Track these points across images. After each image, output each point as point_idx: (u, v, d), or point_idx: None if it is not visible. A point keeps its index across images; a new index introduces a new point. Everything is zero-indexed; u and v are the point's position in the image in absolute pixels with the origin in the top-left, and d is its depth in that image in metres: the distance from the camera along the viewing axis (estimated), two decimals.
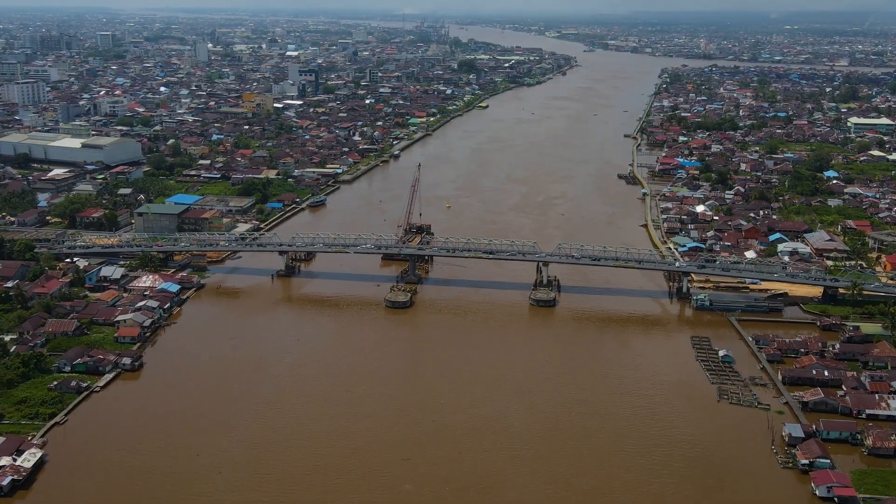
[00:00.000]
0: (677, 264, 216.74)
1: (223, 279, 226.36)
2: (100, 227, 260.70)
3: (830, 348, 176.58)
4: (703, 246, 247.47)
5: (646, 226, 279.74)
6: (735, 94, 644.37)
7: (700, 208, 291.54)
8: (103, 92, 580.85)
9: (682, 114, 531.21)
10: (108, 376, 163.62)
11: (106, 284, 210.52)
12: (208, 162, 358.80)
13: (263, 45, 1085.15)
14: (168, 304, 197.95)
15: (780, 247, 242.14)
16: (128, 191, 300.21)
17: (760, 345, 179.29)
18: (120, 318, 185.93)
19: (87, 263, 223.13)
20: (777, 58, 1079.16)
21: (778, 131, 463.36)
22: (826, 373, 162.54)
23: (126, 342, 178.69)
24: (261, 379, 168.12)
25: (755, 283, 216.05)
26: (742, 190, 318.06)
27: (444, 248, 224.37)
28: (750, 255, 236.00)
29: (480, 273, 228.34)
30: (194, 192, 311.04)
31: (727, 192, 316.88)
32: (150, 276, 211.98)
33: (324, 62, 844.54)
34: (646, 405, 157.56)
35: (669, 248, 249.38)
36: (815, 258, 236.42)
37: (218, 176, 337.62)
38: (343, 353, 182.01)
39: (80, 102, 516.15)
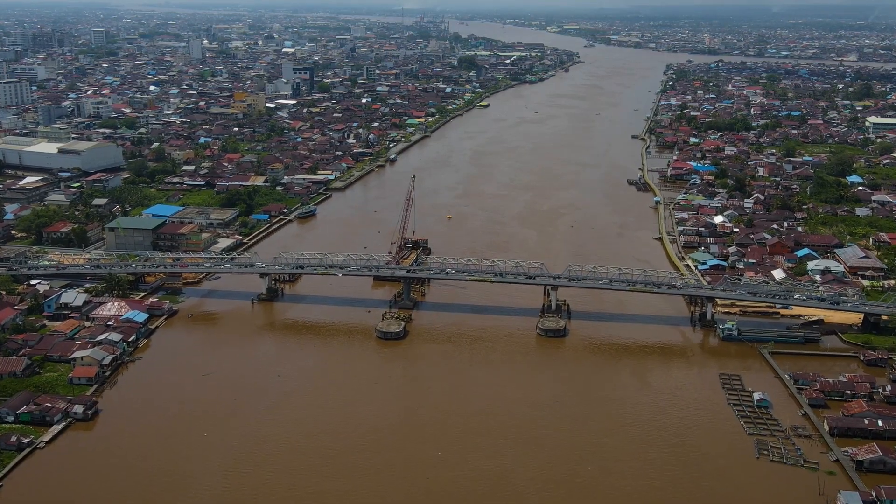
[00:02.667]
0: (702, 290, 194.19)
1: (198, 304, 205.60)
2: (68, 243, 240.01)
3: (880, 390, 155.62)
4: (725, 264, 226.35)
5: (661, 239, 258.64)
6: (744, 92, 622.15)
7: (718, 219, 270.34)
8: (91, 91, 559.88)
9: (692, 113, 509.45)
10: (57, 427, 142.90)
11: (66, 312, 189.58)
12: (193, 168, 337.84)
13: (259, 42, 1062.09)
14: (133, 337, 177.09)
15: (811, 265, 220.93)
16: (103, 201, 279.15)
17: (800, 385, 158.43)
18: (76, 354, 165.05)
19: (48, 287, 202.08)
20: (784, 53, 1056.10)
21: (793, 132, 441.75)
22: (880, 422, 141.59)
23: (81, 384, 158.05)
24: (234, 426, 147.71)
25: (786, 307, 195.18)
26: (762, 198, 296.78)
27: (441, 269, 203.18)
28: (778, 274, 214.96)
29: (482, 296, 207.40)
30: (175, 202, 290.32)
31: (746, 200, 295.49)
32: (116, 303, 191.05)
33: (321, 59, 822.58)
34: (673, 460, 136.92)
35: (688, 266, 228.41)
36: (850, 277, 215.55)
37: (202, 183, 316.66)
38: (327, 393, 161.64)
39: (65, 103, 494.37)
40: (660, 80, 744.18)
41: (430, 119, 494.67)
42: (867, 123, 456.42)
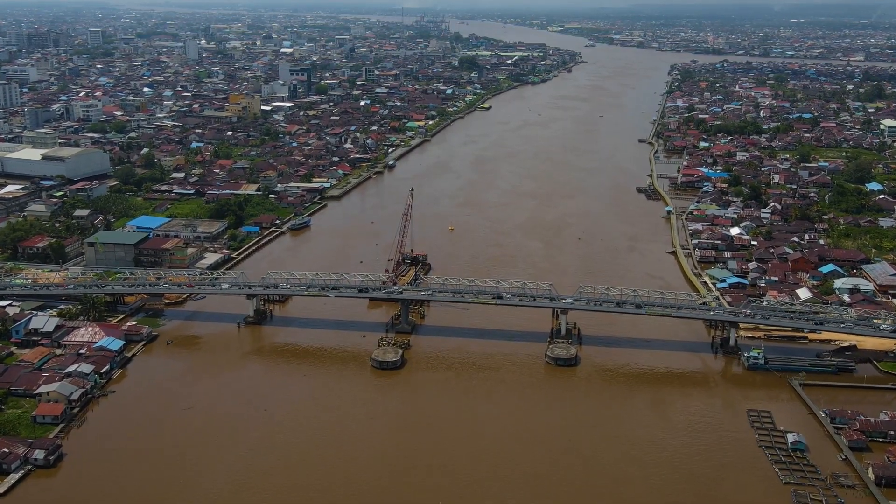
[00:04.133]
0: (729, 315, 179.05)
1: (181, 327, 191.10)
2: (45, 258, 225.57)
3: None
4: (745, 281, 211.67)
5: (674, 253, 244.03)
6: (752, 93, 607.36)
7: (735, 231, 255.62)
8: (83, 93, 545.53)
9: (700, 115, 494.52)
10: (15, 477, 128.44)
11: (36, 339, 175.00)
12: (182, 175, 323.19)
13: (258, 42, 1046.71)
14: (107, 367, 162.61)
15: (837, 283, 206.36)
16: (85, 212, 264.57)
17: (837, 423, 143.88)
18: (42, 389, 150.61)
19: (18, 309, 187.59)
20: (789, 53, 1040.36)
21: (806, 135, 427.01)
22: None
23: (46, 423, 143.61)
24: (214, 471, 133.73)
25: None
26: (778, 207, 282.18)
27: (441, 290, 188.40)
28: (803, 293, 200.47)
29: (486, 317, 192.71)
30: (162, 213, 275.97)
31: (762, 209, 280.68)
32: (90, 328, 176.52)
33: (319, 59, 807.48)
34: None
35: (705, 283, 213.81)
36: (879, 296, 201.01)
37: (191, 192, 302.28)
38: (318, 431, 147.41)
39: (54, 106, 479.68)
40: (664, 80, 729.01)
41: (431, 122, 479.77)
42: (882, 126, 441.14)
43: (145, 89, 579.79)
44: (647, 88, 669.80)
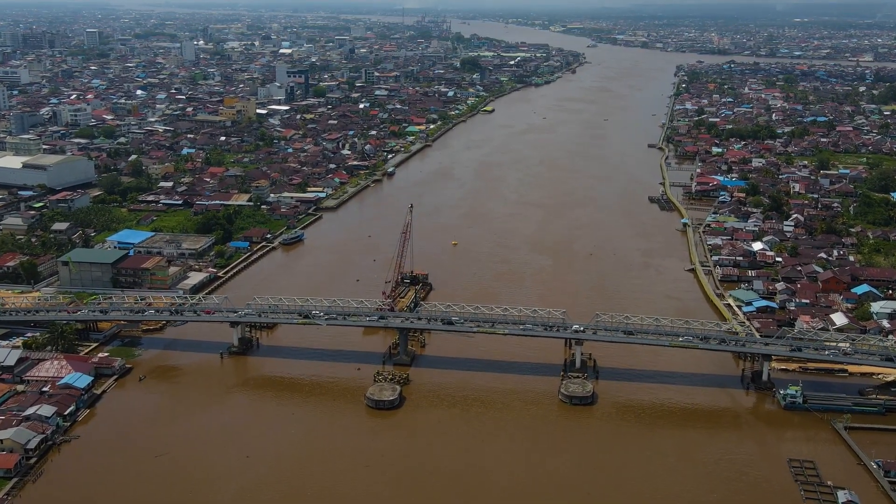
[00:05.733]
0: (759, 346, 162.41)
1: (159, 357, 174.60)
2: (16, 278, 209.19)
3: None
4: (774, 305, 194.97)
5: (693, 270, 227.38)
6: (762, 95, 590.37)
7: (757, 246, 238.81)
8: (74, 96, 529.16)
9: (710, 119, 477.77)
10: None
11: None
12: (170, 184, 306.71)
13: (256, 42, 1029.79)
14: (72, 408, 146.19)
15: (875, 306, 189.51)
16: (64, 226, 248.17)
17: (892, 477, 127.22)
18: None
19: None
20: (797, 53, 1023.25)
21: (822, 140, 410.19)
22: None
23: None
24: None
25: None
26: (801, 219, 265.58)
27: (443, 318, 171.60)
28: (838, 318, 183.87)
29: (492, 346, 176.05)
30: (147, 226, 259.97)
31: (785, 222, 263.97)
32: (57, 361, 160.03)
33: (318, 60, 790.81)
34: None
35: (729, 306, 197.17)
36: None
37: (179, 202, 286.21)
38: (305, 482, 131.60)
39: (43, 110, 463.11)
40: (671, 81, 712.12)
41: (432, 126, 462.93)
42: None
43: (139, 92, 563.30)
44: (654, 90, 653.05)
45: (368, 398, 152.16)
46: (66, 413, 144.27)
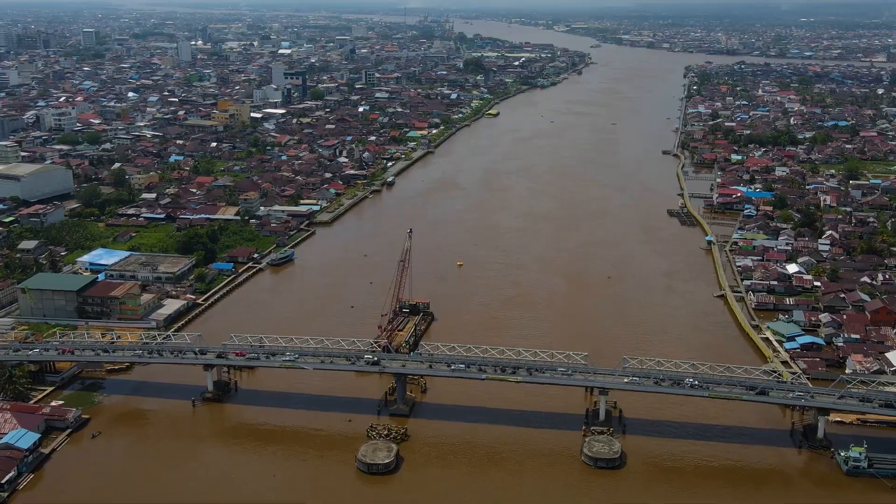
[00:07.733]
0: (813, 399, 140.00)
1: (122, 403, 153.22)
2: None
3: None
4: (821, 342, 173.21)
5: (724, 296, 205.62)
6: (778, 97, 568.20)
7: (793, 268, 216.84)
8: (63, 98, 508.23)
9: (726, 123, 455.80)
10: None
11: None
12: (154, 196, 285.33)
13: (255, 43, 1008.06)
14: (13, 473, 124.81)
15: None
16: (32, 244, 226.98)
17: None
18: None
19: None
20: (807, 53, 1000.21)
21: (847, 146, 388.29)
22: None
23: None
24: None
25: None
26: (836, 237, 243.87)
27: (445, 360, 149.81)
28: (894, 357, 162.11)
29: (502, 391, 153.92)
30: (124, 243, 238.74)
31: (819, 240, 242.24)
32: (0, 414, 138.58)
33: (318, 61, 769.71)
34: None
35: (767, 340, 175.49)
36: None
37: (162, 216, 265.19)
38: None
39: (27, 114, 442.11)
40: (681, 83, 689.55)
41: (434, 131, 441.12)
42: None
43: (130, 94, 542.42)
44: (664, 92, 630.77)
45: (360, 461, 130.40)
46: (4, 480, 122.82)
